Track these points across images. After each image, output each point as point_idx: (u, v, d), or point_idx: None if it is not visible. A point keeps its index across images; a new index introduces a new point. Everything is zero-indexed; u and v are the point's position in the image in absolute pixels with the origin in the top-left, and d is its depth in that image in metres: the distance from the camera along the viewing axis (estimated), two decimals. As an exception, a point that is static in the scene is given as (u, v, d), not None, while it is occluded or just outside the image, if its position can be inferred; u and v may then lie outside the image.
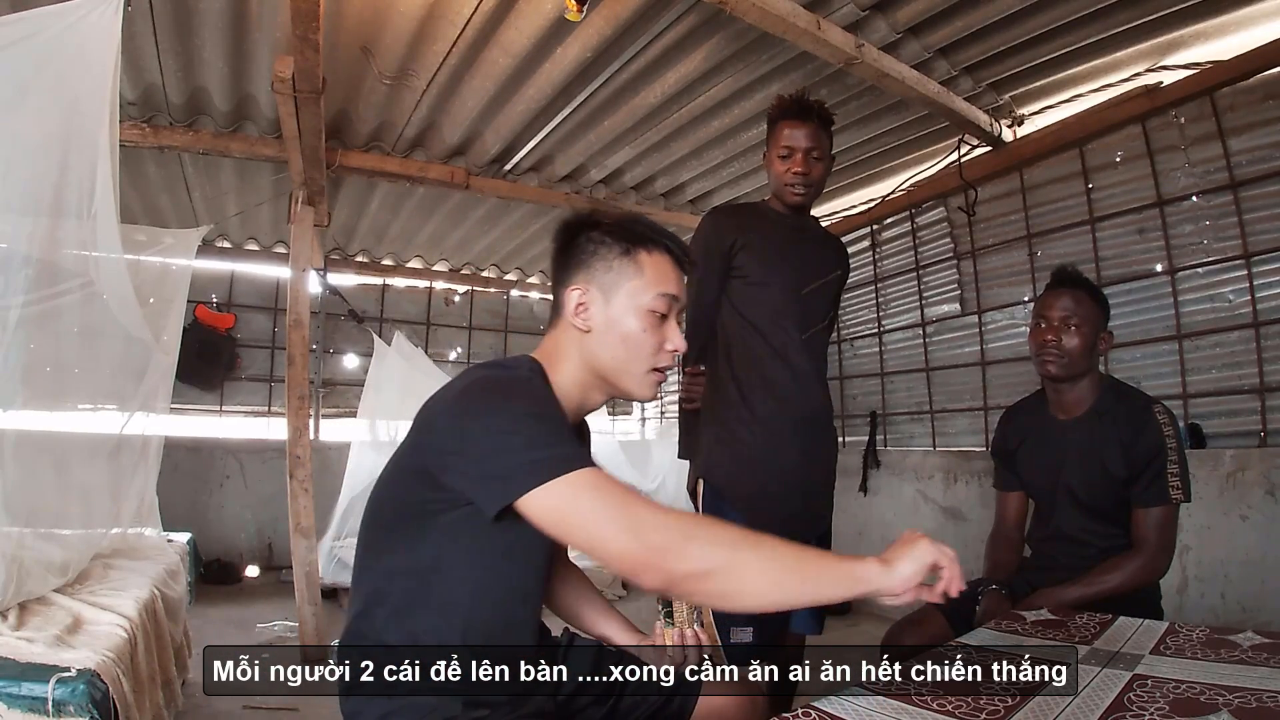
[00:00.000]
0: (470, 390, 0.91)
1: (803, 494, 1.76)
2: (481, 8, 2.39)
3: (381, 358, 4.64)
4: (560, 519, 0.81)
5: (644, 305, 0.98)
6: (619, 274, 0.98)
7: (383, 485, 0.97)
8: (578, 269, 1.00)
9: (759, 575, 0.80)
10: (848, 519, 4.10)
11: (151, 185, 3.76)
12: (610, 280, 0.98)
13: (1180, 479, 1.51)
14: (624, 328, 0.98)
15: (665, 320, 1.00)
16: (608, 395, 1.03)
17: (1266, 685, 0.87)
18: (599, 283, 0.98)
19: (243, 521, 4.69)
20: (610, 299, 0.98)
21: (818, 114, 1.75)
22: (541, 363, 0.99)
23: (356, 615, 0.95)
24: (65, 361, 2.13)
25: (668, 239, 1.02)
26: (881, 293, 4.22)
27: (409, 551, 0.91)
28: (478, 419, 0.86)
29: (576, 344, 0.99)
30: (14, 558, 1.59)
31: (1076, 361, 1.60)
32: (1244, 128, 2.61)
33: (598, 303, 0.98)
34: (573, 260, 1.00)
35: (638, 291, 0.98)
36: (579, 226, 1.02)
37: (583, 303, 0.98)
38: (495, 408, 0.86)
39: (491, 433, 0.84)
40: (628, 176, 3.85)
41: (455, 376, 0.99)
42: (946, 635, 1.44)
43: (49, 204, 1.73)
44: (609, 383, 1.00)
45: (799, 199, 1.76)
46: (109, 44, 1.72)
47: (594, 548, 0.80)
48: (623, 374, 0.99)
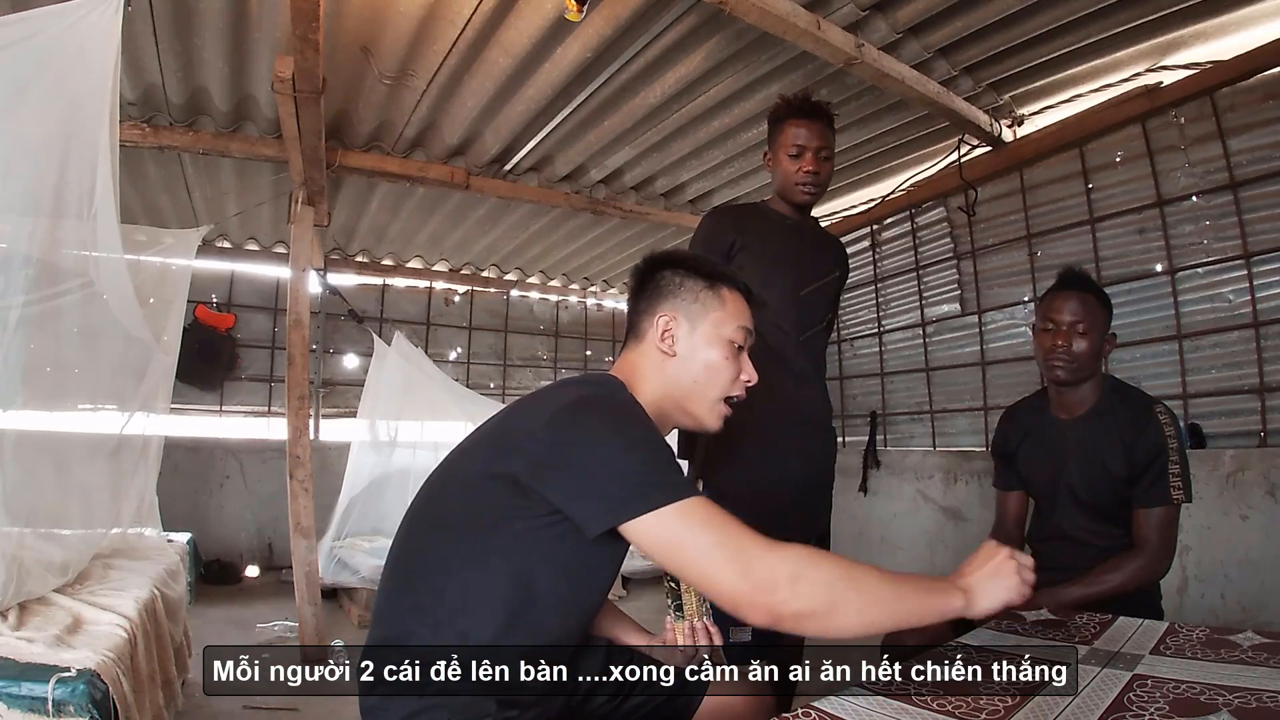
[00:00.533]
0: (579, 407, 0.92)
1: (802, 494, 1.78)
2: (481, 8, 2.39)
3: (381, 358, 4.63)
4: (670, 547, 0.83)
5: (726, 335, 1.05)
6: (705, 305, 1.06)
7: (445, 489, 0.97)
8: (664, 298, 1.06)
9: (858, 615, 0.83)
10: (848, 519, 4.10)
11: (151, 185, 3.76)
12: (696, 311, 1.05)
13: (1181, 479, 1.50)
14: (707, 356, 1.04)
15: (741, 352, 1.08)
16: (677, 422, 1.08)
17: (1266, 685, 0.87)
18: (685, 312, 1.05)
19: (243, 521, 4.69)
20: (695, 327, 1.05)
21: (825, 113, 1.77)
22: (620, 378, 1.03)
23: (401, 613, 0.94)
24: (65, 361, 2.13)
25: (743, 281, 1.11)
26: (881, 293, 4.22)
27: (474, 554, 0.91)
28: (589, 437, 0.88)
29: (658, 367, 1.05)
30: (14, 558, 1.58)
31: (1085, 366, 1.59)
32: (1244, 128, 2.61)
33: (684, 330, 1.04)
34: (658, 291, 1.07)
35: (721, 322, 1.05)
36: (662, 262, 1.10)
37: (669, 329, 1.04)
38: (609, 429, 0.89)
39: (606, 454, 0.87)
40: (628, 176, 3.85)
41: (544, 388, 1.05)
42: (946, 635, 1.44)
43: (49, 204, 1.73)
44: (682, 408, 1.05)
45: (809, 197, 1.77)
46: (109, 44, 1.72)
47: (701, 578, 0.83)
48: (699, 400, 1.04)
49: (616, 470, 0.85)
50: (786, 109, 1.78)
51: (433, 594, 0.93)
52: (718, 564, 0.81)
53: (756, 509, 1.67)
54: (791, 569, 0.81)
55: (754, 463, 1.71)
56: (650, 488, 0.84)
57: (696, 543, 0.82)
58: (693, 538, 0.82)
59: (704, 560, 0.81)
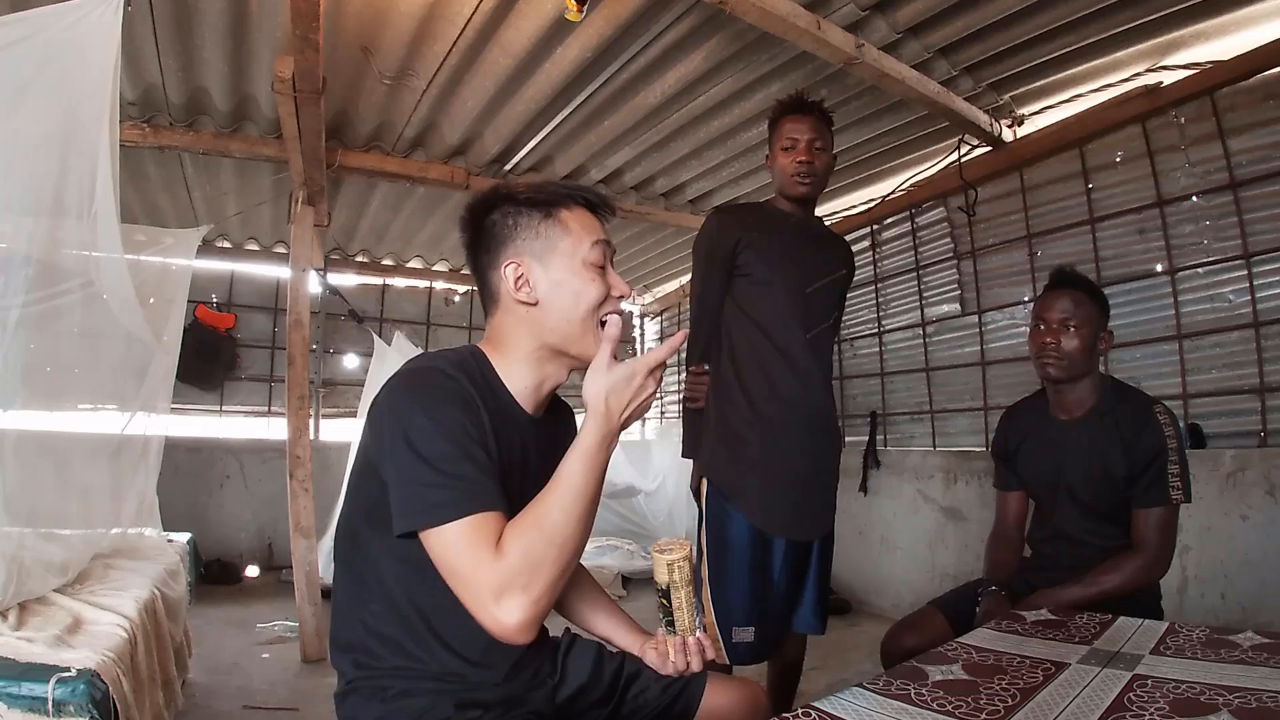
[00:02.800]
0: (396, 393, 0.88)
1: (806, 494, 1.76)
2: (481, 8, 2.39)
3: (381, 358, 4.63)
4: (444, 566, 0.81)
5: (585, 257, 0.95)
6: (548, 238, 0.95)
7: (350, 494, 0.97)
8: (504, 246, 0.96)
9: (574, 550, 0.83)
10: (848, 519, 4.10)
11: (151, 185, 3.76)
12: (541, 246, 0.95)
13: (1181, 479, 1.51)
14: (571, 288, 0.95)
15: (605, 270, 0.97)
16: (567, 367, 1.00)
17: (1266, 685, 0.87)
18: (531, 252, 0.95)
19: (243, 521, 4.69)
20: (548, 265, 0.95)
21: (818, 109, 1.79)
22: (486, 351, 0.97)
23: (349, 620, 0.95)
24: (65, 362, 2.13)
25: (582, 191, 1.00)
26: (881, 293, 4.22)
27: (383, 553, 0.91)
28: (395, 428, 0.84)
29: (526, 322, 0.96)
30: (14, 558, 1.58)
31: (1076, 363, 1.59)
32: (1244, 128, 2.61)
33: (536, 272, 0.95)
34: (494, 240, 0.97)
35: (573, 250, 0.95)
36: (487, 205, 0.99)
37: (521, 275, 0.95)
38: (409, 419, 0.84)
39: (402, 450, 0.83)
40: (628, 176, 3.85)
41: None
42: (946, 635, 1.44)
43: (49, 204, 1.73)
44: (564, 352, 0.97)
45: (804, 189, 1.77)
46: (109, 44, 1.72)
47: (469, 605, 0.80)
48: (575, 338, 0.95)
49: (407, 475, 0.82)
50: (780, 108, 1.82)
51: (359, 602, 0.94)
52: (472, 596, 0.79)
53: (760, 509, 1.70)
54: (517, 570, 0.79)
55: (758, 462, 1.70)
56: (429, 504, 0.81)
57: (459, 570, 0.79)
58: (456, 564, 0.80)
59: (464, 590, 0.79)
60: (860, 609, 3.91)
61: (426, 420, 0.84)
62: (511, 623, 0.78)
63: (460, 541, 0.80)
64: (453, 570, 0.80)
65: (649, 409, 0.91)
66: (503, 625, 0.78)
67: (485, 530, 0.80)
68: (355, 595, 0.95)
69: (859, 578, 4.02)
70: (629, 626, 1.15)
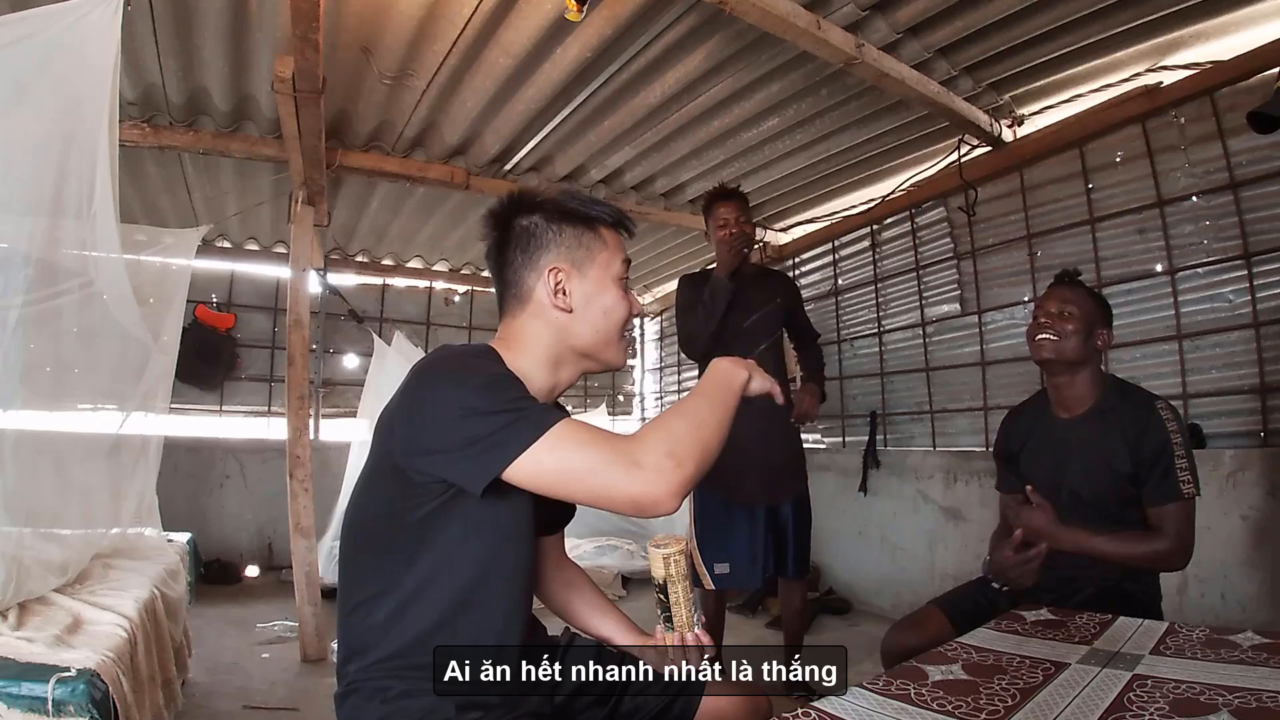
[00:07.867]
0: (422, 377, 0.89)
1: (765, 469, 2.35)
2: (481, 8, 2.39)
3: (381, 358, 4.64)
4: (558, 476, 0.80)
5: (616, 274, 0.99)
6: (589, 249, 0.98)
7: (357, 498, 0.96)
8: (545, 250, 0.97)
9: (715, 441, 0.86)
10: (848, 519, 4.10)
11: (151, 185, 3.76)
12: (582, 256, 0.97)
13: (1190, 473, 1.50)
14: (605, 300, 0.97)
15: (628, 286, 1.02)
16: (580, 371, 1.01)
17: (1266, 685, 0.87)
18: (572, 260, 0.97)
19: (243, 521, 4.69)
20: (585, 275, 0.97)
21: (738, 194, 2.53)
22: (500, 351, 0.96)
23: (344, 622, 0.95)
24: (65, 361, 2.13)
25: (609, 209, 1.02)
26: (881, 293, 4.22)
27: (391, 555, 0.91)
28: (438, 399, 0.84)
29: (554, 326, 0.97)
30: (14, 558, 1.59)
31: (1068, 347, 1.60)
32: (1244, 128, 2.57)
33: (574, 280, 0.96)
34: (534, 242, 0.97)
35: (609, 263, 0.99)
36: (523, 207, 0.99)
37: (560, 283, 0.96)
38: (453, 383, 0.84)
39: (458, 409, 0.82)
40: (628, 176, 3.85)
41: None
42: (947, 635, 1.44)
43: (49, 204, 1.73)
44: (589, 357, 0.99)
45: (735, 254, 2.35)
46: (109, 44, 1.72)
47: (597, 497, 0.79)
48: (604, 346, 0.99)
49: (475, 422, 0.80)
50: (710, 196, 2.56)
51: (362, 601, 0.93)
52: (605, 477, 0.78)
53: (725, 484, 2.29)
54: (661, 443, 0.80)
55: None
56: (515, 426, 0.79)
57: (577, 465, 0.79)
58: (577, 458, 0.79)
59: (592, 479, 0.79)
60: (860, 609, 3.91)
61: (479, 379, 0.85)
62: (663, 484, 0.78)
63: (567, 440, 0.80)
64: (571, 470, 0.79)
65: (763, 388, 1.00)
66: (651, 488, 0.78)
67: (587, 425, 0.83)
68: (358, 596, 0.95)
69: (859, 578, 4.02)
70: (628, 627, 1.15)
